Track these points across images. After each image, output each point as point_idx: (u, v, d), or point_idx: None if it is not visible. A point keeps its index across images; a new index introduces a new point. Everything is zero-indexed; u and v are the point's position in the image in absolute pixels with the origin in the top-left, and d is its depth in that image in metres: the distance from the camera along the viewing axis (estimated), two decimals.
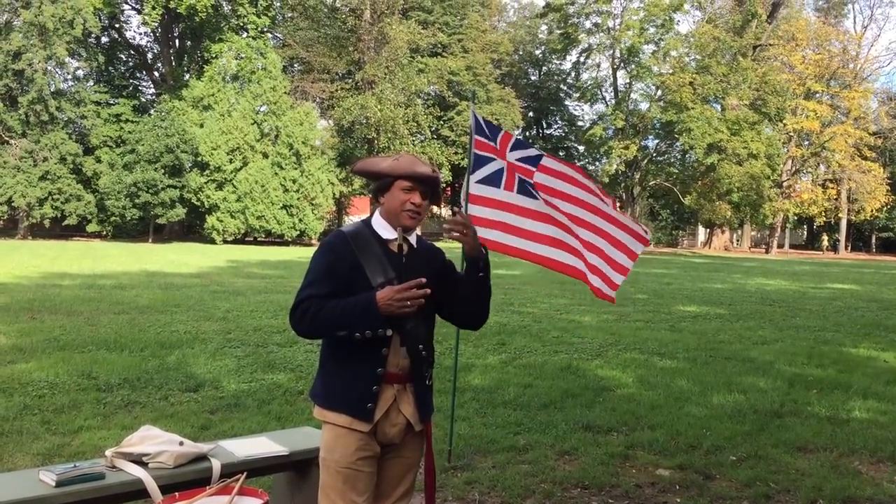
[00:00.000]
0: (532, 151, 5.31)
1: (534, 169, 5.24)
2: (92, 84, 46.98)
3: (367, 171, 3.14)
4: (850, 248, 65.51)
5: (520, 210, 5.20)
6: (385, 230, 3.05)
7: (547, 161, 5.27)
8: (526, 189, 5.18)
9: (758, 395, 7.82)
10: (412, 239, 3.11)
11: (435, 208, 66.81)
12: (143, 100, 51.67)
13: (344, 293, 2.93)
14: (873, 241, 67.44)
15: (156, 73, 53.28)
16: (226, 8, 48.14)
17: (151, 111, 48.01)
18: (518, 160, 5.25)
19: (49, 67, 42.23)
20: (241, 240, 45.26)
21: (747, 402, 7.53)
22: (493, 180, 5.26)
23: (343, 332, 2.90)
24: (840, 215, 60.54)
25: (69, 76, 45.25)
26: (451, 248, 3.12)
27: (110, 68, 50.41)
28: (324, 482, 3.02)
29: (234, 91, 45.50)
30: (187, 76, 49.27)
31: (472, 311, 3.21)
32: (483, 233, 5.20)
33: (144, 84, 54.49)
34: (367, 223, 3.10)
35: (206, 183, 42.99)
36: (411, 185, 2.99)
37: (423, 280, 2.85)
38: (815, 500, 5.01)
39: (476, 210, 5.22)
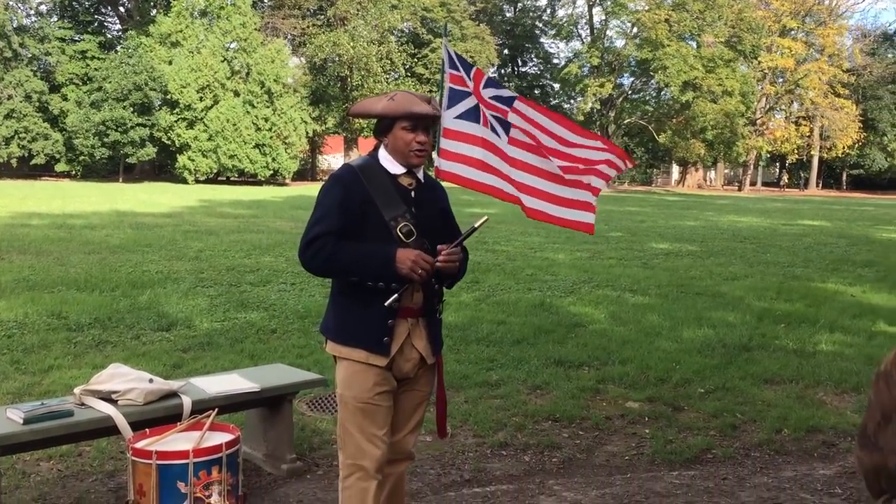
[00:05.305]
0: (505, 92, 5.24)
1: (507, 109, 5.17)
2: (55, 20, 45.60)
3: (363, 114, 3.13)
4: (821, 185, 66.11)
5: (494, 148, 5.15)
6: (392, 165, 3.01)
7: (519, 105, 5.21)
8: (497, 125, 5.12)
9: (727, 330, 7.94)
10: (419, 174, 3.09)
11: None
12: (109, 36, 50.25)
13: (355, 228, 2.89)
14: (844, 178, 68.02)
15: (121, 9, 51.79)
16: None
17: (118, 48, 46.75)
18: (491, 98, 5.18)
19: (10, 2, 40.91)
20: (213, 179, 44.67)
21: (717, 336, 7.65)
22: (470, 115, 5.18)
23: (355, 279, 2.91)
24: (812, 153, 60.97)
25: (32, 11, 43.90)
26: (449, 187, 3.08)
27: (74, 3, 48.86)
28: (342, 417, 3.00)
29: (203, 27, 44.33)
30: (154, 12, 47.92)
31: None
32: (456, 168, 5.15)
33: (110, 20, 52.98)
34: (374, 157, 3.06)
35: (176, 121, 42.14)
36: (412, 124, 2.93)
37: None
38: (780, 429, 5.12)
39: (451, 145, 5.14)
